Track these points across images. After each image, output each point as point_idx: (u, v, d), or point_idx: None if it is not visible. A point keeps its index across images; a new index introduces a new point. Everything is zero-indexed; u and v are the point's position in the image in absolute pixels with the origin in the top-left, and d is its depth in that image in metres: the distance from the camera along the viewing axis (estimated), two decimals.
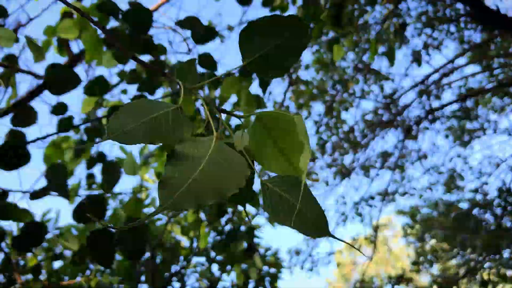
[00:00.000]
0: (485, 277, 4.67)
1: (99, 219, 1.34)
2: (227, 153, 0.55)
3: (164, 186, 0.49)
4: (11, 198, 1.48)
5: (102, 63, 1.74)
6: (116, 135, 0.54)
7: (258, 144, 0.65)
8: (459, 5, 5.19)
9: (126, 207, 1.41)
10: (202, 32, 1.61)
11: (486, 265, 4.99)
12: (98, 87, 1.63)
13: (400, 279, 5.36)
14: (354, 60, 5.72)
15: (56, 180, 1.36)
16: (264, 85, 1.71)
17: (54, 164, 1.40)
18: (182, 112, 0.61)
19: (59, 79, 1.28)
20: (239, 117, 0.67)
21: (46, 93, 2.34)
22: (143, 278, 5.09)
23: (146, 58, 2.20)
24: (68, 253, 4.53)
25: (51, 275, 3.12)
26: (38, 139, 1.38)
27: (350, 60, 5.69)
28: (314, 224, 0.58)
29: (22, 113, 1.37)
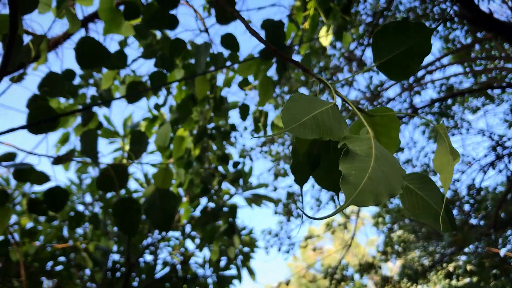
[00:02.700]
0: (450, 269, 4.85)
1: (121, 187, 1.35)
2: (384, 152, 0.57)
3: (346, 183, 0.50)
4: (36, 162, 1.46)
5: (120, 32, 1.71)
6: (292, 127, 0.56)
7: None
8: (448, 4, 5.29)
9: (156, 178, 1.41)
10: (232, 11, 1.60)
11: (452, 258, 5.18)
12: (119, 61, 1.61)
13: (369, 268, 5.52)
14: (340, 49, 5.77)
15: (89, 147, 1.35)
16: (281, 71, 1.72)
17: (87, 131, 1.38)
18: (337, 109, 0.63)
19: (90, 54, 1.27)
20: (370, 114, 0.69)
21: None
22: (115, 248, 5.09)
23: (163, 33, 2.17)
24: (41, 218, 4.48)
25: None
26: (70, 112, 1.35)
27: (338, 48, 5.75)
28: (446, 220, 0.62)
29: (51, 81, 1.35)
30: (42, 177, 1.49)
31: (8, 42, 0.95)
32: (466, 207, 5.64)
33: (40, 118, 1.27)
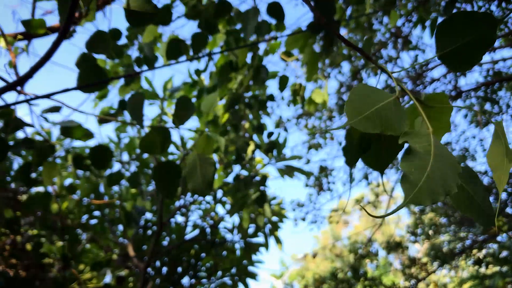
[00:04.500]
0: (480, 256, 4.80)
1: (163, 150, 1.38)
2: (442, 148, 0.57)
3: (407, 181, 0.52)
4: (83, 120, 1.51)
5: None
6: (356, 121, 0.57)
7: (412, 121, 0.71)
8: None
9: (197, 145, 1.44)
10: None
11: (483, 245, 5.11)
12: (164, 17, 1.62)
13: (397, 247, 5.51)
14: (386, 24, 5.63)
15: (136, 109, 1.38)
16: (328, 47, 1.70)
17: (135, 94, 1.42)
18: (399, 102, 0.64)
19: (139, 10, 1.28)
20: (427, 105, 0.69)
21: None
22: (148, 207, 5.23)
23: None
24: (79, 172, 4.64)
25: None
26: (122, 76, 1.39)
27: (384, 24, 5.61)
28: (485, 216, 0.63)
29: (98, 40, 1.38)
30: (87, 134, 1.55)
31: (71, 4, 0.96)
32: (503, 196, 5.51)
33: (91, 79, 1.31)
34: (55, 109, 1.61)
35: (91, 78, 1.33)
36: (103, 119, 1.54)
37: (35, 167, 1.56)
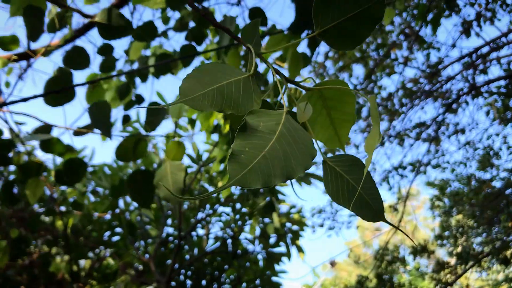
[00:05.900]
0: (508, 255, 4.63)
1: (138, 157, 1.38)
2: (296, 130, 0.52)
3: (234, 161, 0.47)
4: (55, 134, 1.53)
5: (149, 5, 1.73)
6: (188, 99, 0.52)
7: (313, 112, 0.65)
8: None
9: (168, 152, 1.42)
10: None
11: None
12: (147, 32, 1.63)
13: (422, 250, 5.36)
14: (400, 25, 5.55)
15: (100, 118, 1.38)
16: (313, 46, 1.68)
17: (98, 102, 1.42)
18: (253, 81, 0.59)
19: (112, 24, 1.29)
20: (306, 88, 0.65)
21: (92, 33, 2.35)
22: (169, 221, 5.25)
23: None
24: (100, 190, 4.70)
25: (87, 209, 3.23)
26: (88, 83, 1.40)
27: (397, 24, 5.53)
28: (371, 208, 0.57)
29: (75, 55, 1.39)
30: (69, 149, 1.56)
31: None
32: None
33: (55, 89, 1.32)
34: (45, 129, 1.62)
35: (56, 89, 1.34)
36: (77, 132, 1.55)
37: (19, 185, 1.57)
